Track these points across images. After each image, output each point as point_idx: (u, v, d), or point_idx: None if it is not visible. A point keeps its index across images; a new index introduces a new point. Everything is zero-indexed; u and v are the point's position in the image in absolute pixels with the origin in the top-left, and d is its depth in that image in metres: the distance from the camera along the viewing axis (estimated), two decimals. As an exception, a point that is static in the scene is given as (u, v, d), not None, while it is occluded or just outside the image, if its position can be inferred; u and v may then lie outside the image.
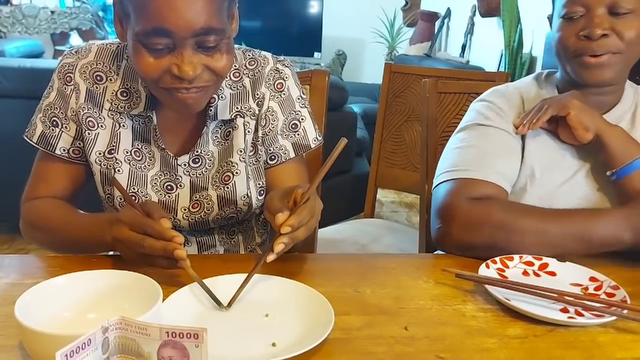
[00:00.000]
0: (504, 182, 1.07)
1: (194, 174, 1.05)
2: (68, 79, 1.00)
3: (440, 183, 1.09)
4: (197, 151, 1.03)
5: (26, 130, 1.03)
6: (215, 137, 1.05)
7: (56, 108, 1.01)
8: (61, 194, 1.05)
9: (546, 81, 1.18)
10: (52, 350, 0.51)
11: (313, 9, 5.43)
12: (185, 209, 1.05)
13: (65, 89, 1.00)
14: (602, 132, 1.03)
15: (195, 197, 1.05)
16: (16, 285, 0.85)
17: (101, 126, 1.01)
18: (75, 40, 5.33)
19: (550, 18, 1.11)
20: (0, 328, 0.72)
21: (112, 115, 1.01)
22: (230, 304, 0.80)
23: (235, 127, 1.04)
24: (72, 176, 1.05)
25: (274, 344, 0.72)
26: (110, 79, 1.00)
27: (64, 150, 1.02)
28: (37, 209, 1.02)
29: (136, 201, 1.02)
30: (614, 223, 0.97)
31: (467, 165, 1.07)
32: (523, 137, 1.11)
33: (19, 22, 4.98)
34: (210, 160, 1.05)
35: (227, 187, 1.05)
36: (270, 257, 0.81)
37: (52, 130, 1.01)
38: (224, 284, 0.83)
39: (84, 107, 1.00)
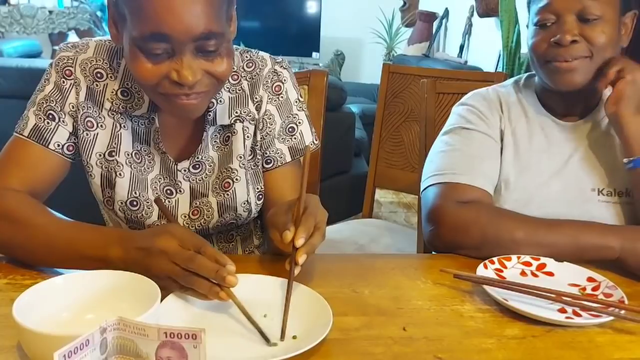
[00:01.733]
0: (488, 186, 1.10)
1: (193, 180, 1.03)
2: (67, 72, 0.96)
3: (428, 186, 1.11)
4: (197, 157, 1.01)
5: (16, 126, 0.97)
6: (215, 142, 1.03)
7: (52, 101, 0.96)
8: (36, 186, 0.96)
9: (525, 85, 1.20)
10: (50, 350, 0.51)
11: (311, 9, 5.43)
12: (185, 216, 1.03)
13: (63, 82, 0.96)
14: (624, 117, 1.03)
15: (195, 204, 1.03)
16: (14, 285, 0.84)
17: (101, 126, 0.98)
18: (73, 40, 5.30)
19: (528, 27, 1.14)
20: (-2, 329, 0.72)
21: (113, 115, 0.98)
22: (282, 337, 0.74)
23: (234, 132, 1.03)
24: (56, 170, 0.98)
25: (272, 344, 0.72)
26: (111, 77, 0.97)
27: (59, 145, 0.97)
28: (12, 200, 0.91)
29: (138, 205, 1.01)
30: (603, 231, 0.98)
31: (453, 169, 1.09)
32: (501, 142, 1.13)
33: (17, 22, 4.96)
34: (211, 166, 1.03)
35: (227, 194, 1.03)
36: (297, 270, 0.80)
37: (48, 123, 0.96)
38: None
39: (83, 106, 0.97)
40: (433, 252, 1.11)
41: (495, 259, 0.95)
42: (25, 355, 0.66)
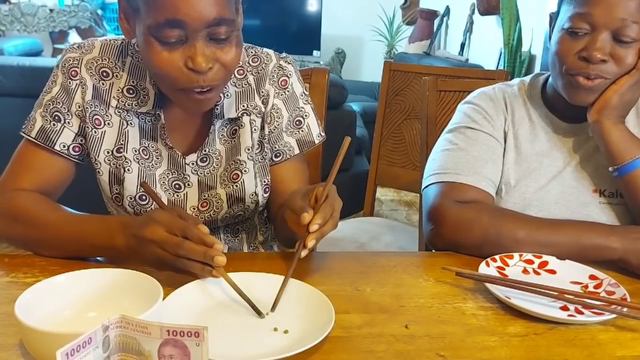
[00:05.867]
0: (491, 189, 1.09)
1: (201, 173, 1.05)
2: (73, 73, 0.98)
3: (430, 184, 1.10)
4: (205, 150, 1.03)
5: (23, 126, 0.99)
6: (222, 135, 1.05)
7: (59, 103, 0.98)
8: (46, 188, 0.99)
9: (531, 86, 1.17)
10: (52, 348, 0.51)
11: (312, 7, 5.43)
12: (194, 208, 1.05)
13: (69, 83, 0.98)
14: (605, 126, 1.02)
15: (204, 196, 1.05)
16: (16, 283, 0.85)
17: (108, 124, 1.00)
18: (74, 38, 5.31)
19: (552, 17, 1.09)
20: (1, 327, 0.72)
21: (119, 112, 1.00)
22: (273, 308, 0.79)
23: (241, 125, 1.05)
24: (64, 172, 1.01)
25: (274, 343, 0.72)
26: (117, 75, 0.99)
27: (64, 146, 0.99)
28: (22, 200, 0.95)
29: (147, 201, 1.02)
30: (605, 231, 0.98)
31: (457, 169, 1.08)
32: (504, 144, 1.13)
33: (18, 21, 4.96)
34: (218, 159, 1.05)
35: (236, 186, 1.05)
36: (304, 253, 0.84)
37: (54, 125, 0.98)
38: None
39: (90, 104, 0.99)
40: (433, 251, 1.11)
41: (497, 256, 0.95)
42: (27, 353, 0.66)
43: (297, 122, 1.10)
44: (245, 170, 1.05)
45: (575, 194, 1.09)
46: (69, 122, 0.99)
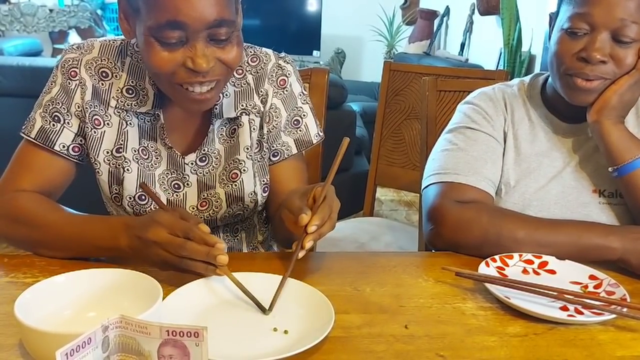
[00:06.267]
0: (491, 189, 1.09)
1: (201, 173, 1.05)
2: (73, 73, 0.98)
3: (429, 185, 1.10)
4: (204, 150, 1.04)
5: (23, 127, 1.00)
6: (221, 135, 1.05)
7: (58, 103, 0.99)
8: (46, 188, 0.99)
9: (531, 86, 1.17)
10: (52, 348, 0.51)
11: (312, 7, 5.42)
12: (193, 208, 1.06)
13: (69, 83, 0.98)
14: (605, 126, 1.02)
15: (203, 196, 1.06)
16: (16, 283, 0.85)
17: (107, 124, 1.00)
18: (73, 38, 5.31)
19: (552, 17, 1.09)
20: (0, 327, 0.72)
21: (119, 112, 1.00)
22: (271, 308, 0.79)
23: (240, 125, 1.05)
24: (64, 172, 1.02)
25: (274, 343, 0.72)
26: (116, 75, 1.00)
27: (64, 146, 1.00)
28: (23, 201, 0.95)
29: (147, 201, 1.02)
30: (604, 231, 0.98)
31: (457, 169, 1.08)
32: (504, 144, 1.13)
33: (18, 21, 4.96)
34: (217, 158, 1.05)
35: (235, 185, 1.05)
36: (301, 253, 0.84)
37: (53, 125, 0.99)
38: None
39: (90, 105, 0.99)
40: (433, 251, 1.11)
41: (497, 257, 0.95)
42: (26, 353, 0.66)
43: (295, 122, 1.10)
44: (244, 170, 1.05)
45: (574, 194, 1.09)
46: (68, 123, 0.99)
